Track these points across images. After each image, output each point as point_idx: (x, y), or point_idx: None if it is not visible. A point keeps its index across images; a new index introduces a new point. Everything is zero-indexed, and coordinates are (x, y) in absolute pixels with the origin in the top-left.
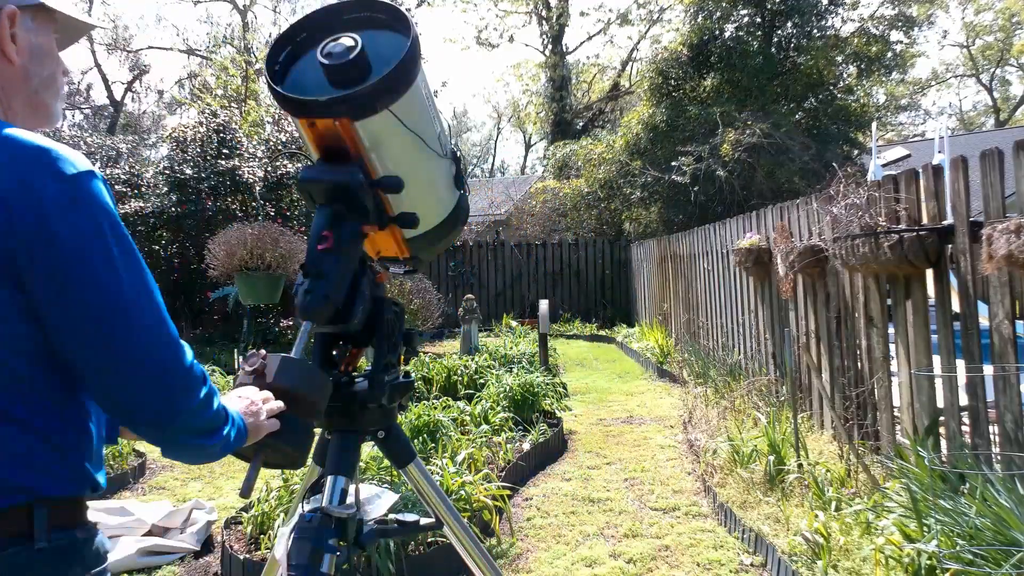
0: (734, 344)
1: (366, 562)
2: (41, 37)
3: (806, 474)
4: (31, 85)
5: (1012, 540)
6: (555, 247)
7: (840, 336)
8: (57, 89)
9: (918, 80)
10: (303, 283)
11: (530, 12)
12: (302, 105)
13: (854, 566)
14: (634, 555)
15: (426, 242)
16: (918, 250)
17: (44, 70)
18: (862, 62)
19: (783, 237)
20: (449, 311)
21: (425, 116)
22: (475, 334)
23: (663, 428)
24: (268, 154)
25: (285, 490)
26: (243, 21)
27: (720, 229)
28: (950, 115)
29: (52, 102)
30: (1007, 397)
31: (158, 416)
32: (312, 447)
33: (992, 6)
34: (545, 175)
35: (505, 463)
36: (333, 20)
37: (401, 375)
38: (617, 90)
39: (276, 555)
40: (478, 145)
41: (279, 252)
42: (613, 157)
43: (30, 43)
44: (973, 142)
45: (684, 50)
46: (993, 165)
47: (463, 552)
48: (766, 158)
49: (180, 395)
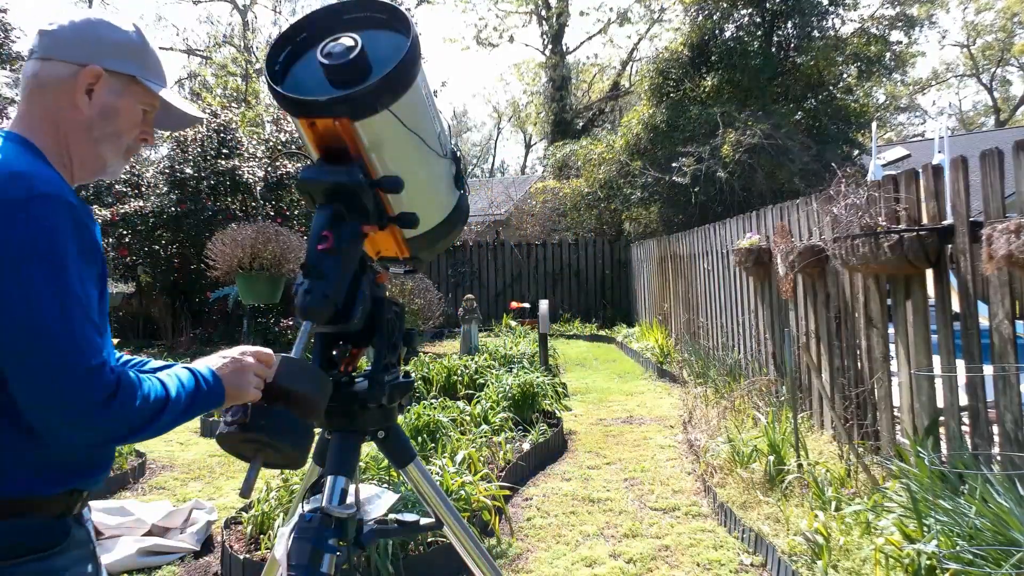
0: (734, 344)
1: (366, 562)
2: (121, 100)
3: (806, 474)
4: (91, 135)
5: (1012, 540)
6: (555, 247)
7: (840, 336)
8: (118, 148)
9: (918, 80)
10: (303, 283)
11: (530, 12)
12: (302, 105)
13: (854, 566)
14: (634, 555)
15: (426, 242)
16: (918, 250)
17: (109, 127)
18: (862, 62)
19: (783, 237)
20: (449, 311)
21: (425, 116)
22: (475, 334)
23: (663, 428)
24: (268, 154)
25: (285, 490)
26: (243, 21)
27: (720, 229)
28: (950, 115)
29: (109, 157)
30: (1007, 397)
31: (56, 426)
32: (312, 447)
33: (993, 6)
34: (545, 175)
35: (505, 463)
36: (333, 20)
37: (401, 375)
38: (617, 90)
39: (276, 555)
40: (478, 145)
41: (278, 252)
42: (613, 157)
43: (104, 102)
44: (973, 142)
45: (684, 50)
46: (993, 165)
47: (463, 552)
48: (766, 158)
49: (74, 406)
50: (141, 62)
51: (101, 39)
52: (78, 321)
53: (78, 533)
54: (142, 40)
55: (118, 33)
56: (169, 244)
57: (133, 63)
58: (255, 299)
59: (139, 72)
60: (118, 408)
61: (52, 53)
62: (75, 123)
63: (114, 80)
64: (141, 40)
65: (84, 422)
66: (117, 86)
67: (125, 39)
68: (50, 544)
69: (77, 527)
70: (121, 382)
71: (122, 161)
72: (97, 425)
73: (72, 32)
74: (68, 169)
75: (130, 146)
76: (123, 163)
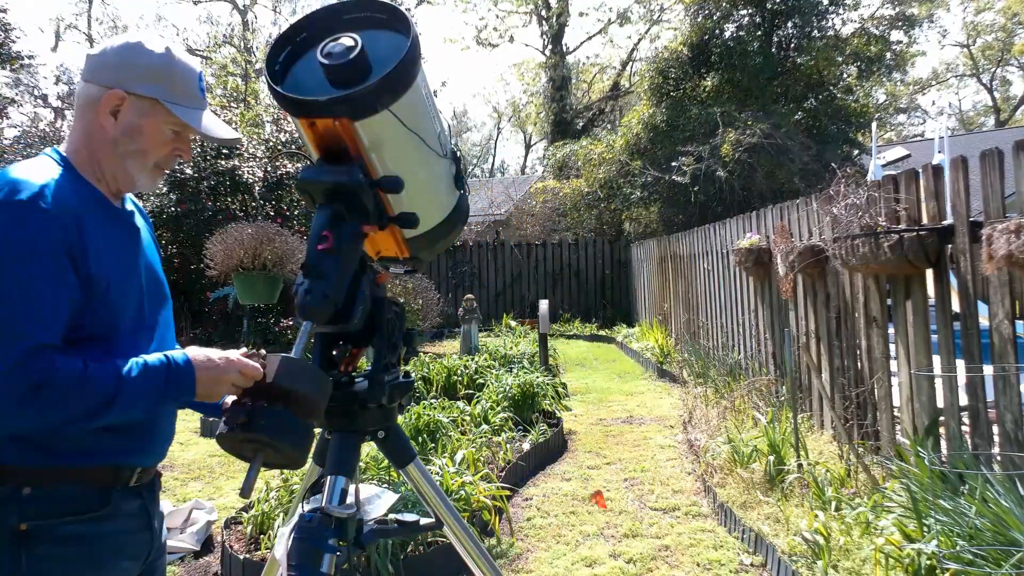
0: (734, 344)
1: (366, 562)
2: (144, 120)
3: (806, 474)
4: (117, 152)
5: (1012, 540)
6: (555, 247)
7: (840, 336)
8: (144, 164)
9: (918, 80)
10: (303, 283)
11: (530, 12)
12: (302, 105)
13: (854, 566)
14: (634, 555)
15: (426, 242)
16: (918, 250)
17: (133, 145)
18: (862, 62)
19: (783, 237)
20: (449, 311)
21: (425, 116)
22: (475, 334)
23: (663, 428)
24: (268, 154)
25: (285, 490)
26: (243, 21)
27: (720, 229)
28: (950, 115)
29: (136, 172)
30: (1007, 397)
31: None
32: (312, 447)
33: (993, 6)
34: (545, 175)
35: (505, 463)
36: (333, 20)
37: (401, 375)
38: (617, 90)
39: (276, 555)
40: (478, 145)
41: (278, 252)
42: (613, 157)
43: (128, 122)
44: (973, 142)
45: (684, 50)
46: (993, 165)
47: (463, 552)
48: (766, 158)
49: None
50: (166, 85)
51: (129, 64)
52: (15, 311)
53: (127, 505)
54: (169, 64)
55: (147, 57)
56: (169, 244)
57: (157, 86)
58: (253, 299)
59: (162, 95)
60: (50, 401)
61: (91, 76)
62: (103, 141)
63: (139, 102)
64: (168, 64)
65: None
66: (142, 108)
67: (152, 63)
68: (87, 509)
69: (127, 499)
70: (58, 375)
71: (152, 176)
72: (45, 417)
73: (106, 57)
74: (103, 182)
75: (160, 162)
76: (154, 178)
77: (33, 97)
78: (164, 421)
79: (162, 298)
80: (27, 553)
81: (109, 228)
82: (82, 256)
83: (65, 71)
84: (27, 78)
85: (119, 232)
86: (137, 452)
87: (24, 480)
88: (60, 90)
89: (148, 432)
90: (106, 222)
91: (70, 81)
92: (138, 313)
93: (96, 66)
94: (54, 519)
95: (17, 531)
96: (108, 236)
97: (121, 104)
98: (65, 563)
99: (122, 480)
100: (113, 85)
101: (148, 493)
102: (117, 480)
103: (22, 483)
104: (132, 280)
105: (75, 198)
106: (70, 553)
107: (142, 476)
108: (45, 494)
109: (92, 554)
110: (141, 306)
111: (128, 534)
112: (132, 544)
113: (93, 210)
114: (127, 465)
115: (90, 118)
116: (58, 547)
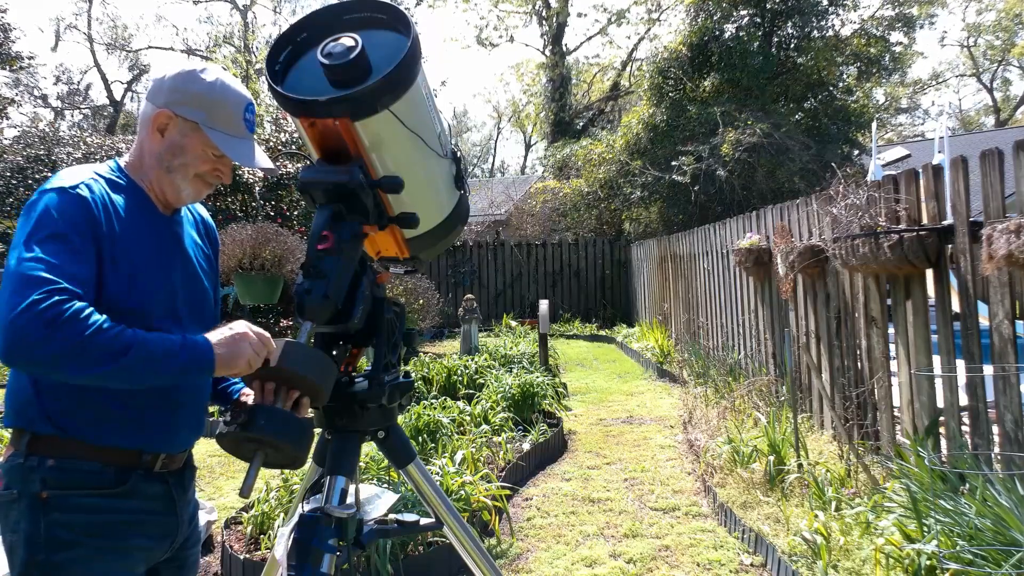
0: (734, 344)
1: (366, 562)
2: (187, 140)
3: (806, 474)
4: (163, 165)
5: (1012, 540)
6: (555, 247)
7: (840, 336)
8: (187, 176)
9: (918, 80)
10: (303, 283)
11: (530, 12)
12: (302, 105)
13: (854, 566)
14: (634, 555)
15: (426, 242)
16: (918, 250)
17: (176, 160)
18: (862, 63)
19: (783, 237)
20: (449, 311)
21: (425, 116)
22: (475, 334)
23: (663, 428)
24: (268, 154)
25: (285, 490)
26: (243, 21)
27: (720, 229)
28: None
29: (181, 184)
30: (1007, 397)
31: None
32: (312, 447)
33: (994, 6)
34: (545, 175)
35: (505, 463)
36: (333, 20)
37: (401, 375)
38: (617, 90)
39: (276, 555)
40: (478, 145)
41: (278, 252)
42: (613, 157)
43: (173, 139)
44: (973, 142)
45: (684, 50)
46: (993, 165)
47: (463, 552)
48: (766, 158)
49: (18, 333)
50: (209, 112)
51: (180, 89)
52: (37, 271)
53: (149, 488)
54: (215, 93)
55: (197, 85)
56: None
57: (201, 112)
58: (253, 299)
59: (203, 121)
60: (63, 344)
61: (150, 96)
62: (151, 154)
63: (184, 124)
64: (214, 93)
65: (27, 354)
66: (186, 128)
67: (200, 90)
68: (104, 485)
69: (149, 483)
70: (74, 321)
71: (195, 188)
72: (45, 355)
73: (164, 81)
74: (152, 191)
75: (201, 176)
76: (197, 190)
77: (33, 97)
78: (184, 410)
79: (201, 304)
80: (45, 518)
81: (146, 227)
82: (108, 241)
83: (65, 71)
84: (27, 78)
85: (156, 232)
86: (159, 439)
87: (52, 452)
88: (60, 90)
89: (169, 419)
90: (143, 221)
91: (70, 81)
92: (170, 305)
93: (155, 88)
94: (71, 490)
95: (39, 498)
96: (141, 233)
97: (168, 123)
98: (77, 529)
99: (144, 464)
100: (164, 106)
101: (175, 480)
102: (139, 463)
103: (50, 454)
104: (162, 275)
105: (116, 196)
106: (81, 520)
107: (167, 463)
108: (68, 467)
109: (105, 524)
110: (173, 301)
111: (147, 514)
112: (150, 524)
113: (133, 210)
114: (150, 450)
115: (144, 134)
116: (71, 514)
